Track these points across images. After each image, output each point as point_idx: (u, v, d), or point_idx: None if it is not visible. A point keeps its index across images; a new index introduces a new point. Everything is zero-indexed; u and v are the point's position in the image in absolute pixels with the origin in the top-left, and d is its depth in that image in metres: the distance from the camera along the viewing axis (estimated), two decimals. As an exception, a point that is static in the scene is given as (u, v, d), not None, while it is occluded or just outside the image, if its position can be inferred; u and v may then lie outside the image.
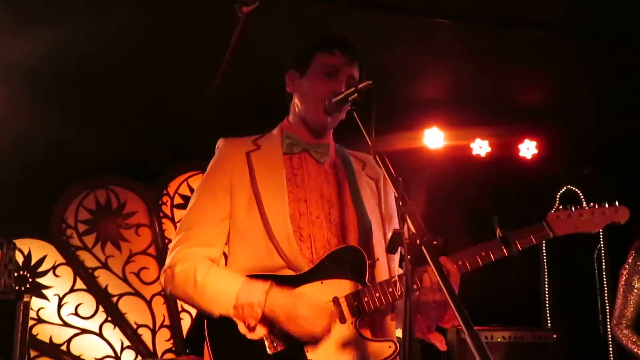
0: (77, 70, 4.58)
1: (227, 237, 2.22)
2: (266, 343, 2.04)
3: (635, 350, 3.63)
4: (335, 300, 2.07)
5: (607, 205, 2.17)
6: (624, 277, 3.77)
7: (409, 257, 1.52)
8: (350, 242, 2.19)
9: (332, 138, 2.34)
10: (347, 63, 2.21)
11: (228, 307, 2.05)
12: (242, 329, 2.04)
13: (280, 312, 2.01)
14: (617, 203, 2.17)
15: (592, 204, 2.17)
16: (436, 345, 2.12)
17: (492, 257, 2.11)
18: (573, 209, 2.16)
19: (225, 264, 2.26)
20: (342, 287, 2.09)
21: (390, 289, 2.07)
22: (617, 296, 3.80)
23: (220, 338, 2.06)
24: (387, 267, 2.26)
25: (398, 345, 2.07)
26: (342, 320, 2.06)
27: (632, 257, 3.77)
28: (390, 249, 1.64)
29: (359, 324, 2.07)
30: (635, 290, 3.73)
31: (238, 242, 2.20)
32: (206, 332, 2.08)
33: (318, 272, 2.11)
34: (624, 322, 3.73)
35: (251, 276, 2.09)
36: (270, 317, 2.03)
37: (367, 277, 2.12)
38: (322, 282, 2.09)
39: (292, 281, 2.09)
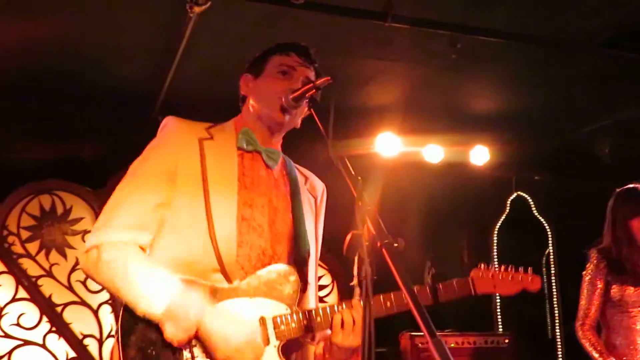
0: (22, 72, 4.46)
1: (159, 224, 2.03)
2: (184, 353, 1.91)
3: (593, 353, 3.67)
4: (262, 320, 1.99)
5: (522, 272, 2.30)
6: (588, 278, 3.81)
7: (369, 260, 1.47)
8: (286, 259, 2.11)
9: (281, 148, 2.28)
10: (303, 64, 2.18)
11: (158, 309, 1.88)
12: (167, 330, 1.88)
13: (217, 336, 1.90)
14: (530, 271, 2.31)
15: (510, 267, 2.29)
16: None
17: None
18: (495, 268, 2.27)
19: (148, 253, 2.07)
20: (270, 307, 2.01)
21: (319, 318, 2.03)
22: (580, 297, 3.84)
23: (135, 339, 1.90)
24: (315, 294, 2.23)
25: None
26: (266, 342, 1.97)
27: (595, 258, 3.82)
28: (349, 252, 1.59)
29: (282, 349, 1.99)
30: (599, 291, 3.77)
31: (171, 234, 2.01)
32: (119, 326, 1.91)
33: (249, 286, 2.01)
34: (587, 322, 3.76)
35: (183, 280, 1.95)
36: (204, 337, 1.90)
37: (297, 301, 2.06)
38: (251, 298, 2.00)
39: (223, 293, 1.98)
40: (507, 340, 5.21)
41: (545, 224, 6.52)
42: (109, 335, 5.04)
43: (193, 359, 1.91)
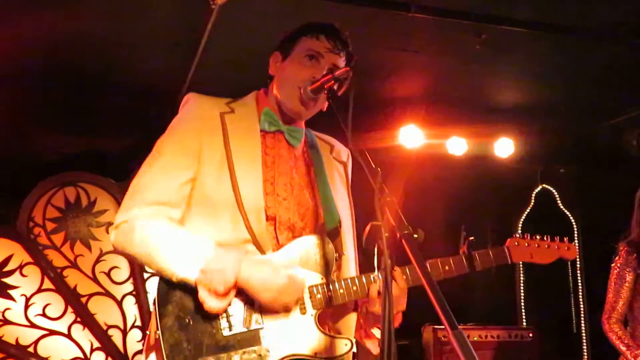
0: (48, 65, 4.50)
1: (187, 201, 2.05)
2: (221, 322, 1.92)
3: (620, 346, 3.61)
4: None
5: (558, 240, 2.33)
6: (616, 271, 3.75)
7: (388, 251, 1.45)
8: (318, 231, 2.12)
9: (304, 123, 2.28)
10: (332, 50, 2.15)
11: (195, 270, 1.88)
12: (203, 296, 1.88)
13: (256, 280, 1.91)
14: (567, 240, 2.34)
15: (546, 237, 2.31)
16: (370, 349, 2.13)
17: (455, 272, 2.13)
18: (529, 237, 2.28)
19: None
20: (306, 277, 2.02)
21: (355, 287, 2.02)
22: (607, 290, 3.78)
23: (172, 308, 1.91)
24: (353, 263, 2.22)
25: (353, 343, 2.03)
26: (303, 310, 1.99)
27: (624, 250, 3.75)
28: (368, 242, 1.58)
29: (319, 318, 2.01)
30: (627, 284, 3.71)
31: (201, 208, 2.03)
32: (156, 300, 1.91)
33: (283, 256, 2.03)
34: (614, 316, 3.71)
35: (218, 244, 1.96)
36: (244, 286, 1.91)
37: (332, 271, 2.06)
38: (285, 267, 1.99)
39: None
40: (531, 335, 5.16)
41: (571, 218, 6.43)
42: (132, 326, 5.09)
43: (230, 329, 1.93)
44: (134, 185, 2.06)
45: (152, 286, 5.03)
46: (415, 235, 1.51)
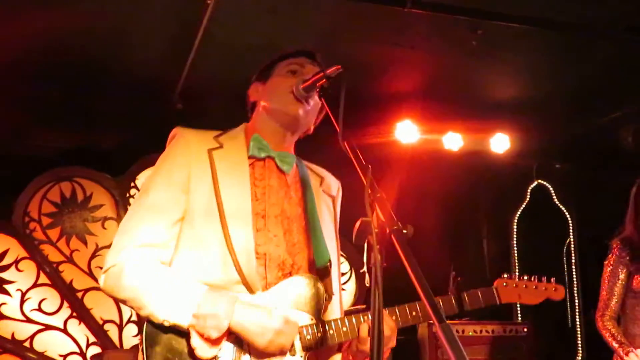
0: (44, 61, 4.49)
1: (177, 240, 2.00)
2: None
3: (613, 343, 3.62)
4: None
5: (545, 281, 2.36)
6: (609, 268, 3.75)
7: (378, 247, 1.46)
8: (307, 269, 2.09)
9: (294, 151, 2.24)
10: (312, 63, 2.16)
11: (187, 316, 1.85)
12: (195, 343, 1.85)
13: (251, 324, 1.88)
14: (553, 281, 2.37)
15: (534, 277, 2.35)
16: None
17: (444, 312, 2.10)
18: (518, 277, 2.32)
19: None
20: (295, 318, 1.98)
21: (345, 328, 2.00)
22: (601, 287, 3.78)
23: (160, 350, 1.88)
24: (339, 303, 2.19)
25: None
26: (292, 352, 1.96)
27: (617, 247, 3.75)
28: (358, 239, 1.57)
29: (307, 359, 1.99)
30: (620, 282, 3.71)
31: (190, 248, 1.99)
32: (144, 341, 1.88)
33: (273, 297, 1.99)
34: (608, 313, 3.71)
35: (209, 287, 1.92)
36: (238, 330, 1.88)
37: (322, 312, 2.04)
38: (276, 309, 1.96)
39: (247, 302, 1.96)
40: (525, 329, 5.17)
41: (566, 213, 6.44)
42: (128, 321, 5.10)
43: None
44: (122, 226, 2.03)
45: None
46: (405, 231, 1.50)
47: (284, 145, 2.17)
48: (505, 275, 2.29)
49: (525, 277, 2.32)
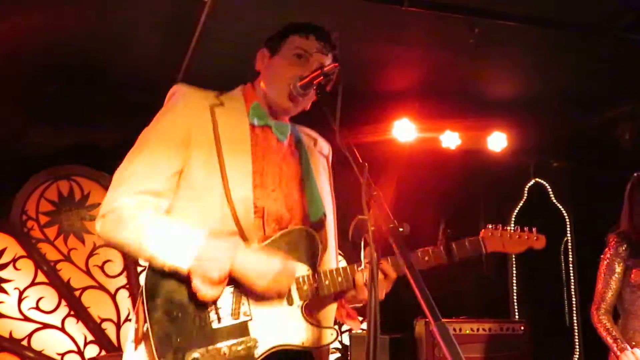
0: (40, 58, 4.48)
1: (174, 191, 2.03)
2: (209, 315, 1.93)
3: (607, 338, 3.63)
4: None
5: (528, 231, 2.42)
6: (606, 262, 3.76)
7: (374, 244, 1.46)
8: (303, 223, 2.15)
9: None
10: (320, 50, 2.17)
11: (188, 259, 1.87)
12: (197, 284, 1.88)
13: (251, 268, 1.93)
14: (535, 230, 2.43)
15: (517, 227, 2.41)
16: (352, 326, 2.22)
17: (434, 262, 2.20)
18: (502, 228, 2.37)
19: None
20: (295, 266, 2.05)
21: (340, 278, 2.07)
22: (597, 281, 3.79)
23: (160, 302, 1.91)
24: (335, 255, 2.26)
25: (339, 333, 2.10)
26: (290, 301, 2.03)
27: (614, 241, 3.77)
28: (355, 236, 1.59)
29: (305, 308, 2.04)
30: (616, 275, 3.73)
31: (189, 200, 2.01)
32: (144, 293, 1.91)
33: (270, 248, 2.04)
34: (603, 306, 3.72)
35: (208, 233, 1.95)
36: (238, 273, 1.92)
37: (318, 262, 2.10)
38: (274, 256, 2.01)
39: None
40: (522, 327, 5.19)
41: (564, 211, 6.46)
42: (126, 319, 5.10)
43: (219, 321, 1.94)
44: (119, 174, 2.03)
45: (145, 279, 5.04)
46: (401, 229, 1.52)
47: (279, 117, 2.25)
48: (490, 226, 2.34)
49: (508, 228, 2.38)
